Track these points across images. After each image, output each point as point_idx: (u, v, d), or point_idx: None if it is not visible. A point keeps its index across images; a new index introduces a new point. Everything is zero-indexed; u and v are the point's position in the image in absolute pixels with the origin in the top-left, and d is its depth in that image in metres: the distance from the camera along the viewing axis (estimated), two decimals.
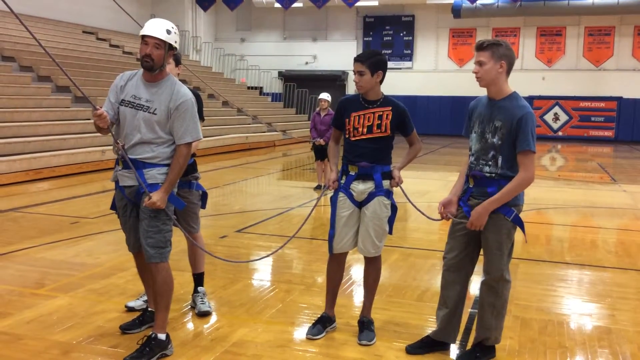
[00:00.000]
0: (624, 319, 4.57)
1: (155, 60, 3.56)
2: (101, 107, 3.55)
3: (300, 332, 4.12)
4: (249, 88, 27.84)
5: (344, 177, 4.03)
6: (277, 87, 30.03)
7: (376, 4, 27.74)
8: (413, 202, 4.40)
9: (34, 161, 11.32)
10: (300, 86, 28.70)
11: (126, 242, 3.92)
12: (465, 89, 22.03)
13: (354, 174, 3.98)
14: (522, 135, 3.45)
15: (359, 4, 25.58)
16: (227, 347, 3.85)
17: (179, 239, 4.67)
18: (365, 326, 4.05)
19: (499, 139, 3.52)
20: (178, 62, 4.32)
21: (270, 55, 29.72)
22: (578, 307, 4.87)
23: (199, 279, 4.59)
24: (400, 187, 4.07)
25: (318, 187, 10.71)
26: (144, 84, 3.67)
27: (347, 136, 4.02)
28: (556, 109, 27.11)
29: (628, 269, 6.02)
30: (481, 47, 3.53)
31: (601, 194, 11.65)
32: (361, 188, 3.96)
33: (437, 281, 4.44)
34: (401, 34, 28.76)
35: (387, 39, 28.91)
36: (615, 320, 4.54)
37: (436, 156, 18.45)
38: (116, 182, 3.77)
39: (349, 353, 3.81)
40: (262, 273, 5.67)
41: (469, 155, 3.73)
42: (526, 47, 27.20)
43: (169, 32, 3.60)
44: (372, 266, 4.10)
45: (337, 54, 28.64)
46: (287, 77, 29.66)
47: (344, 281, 4.69)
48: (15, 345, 3.80)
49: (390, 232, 4.08)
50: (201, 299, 4.49)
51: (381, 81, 3.96)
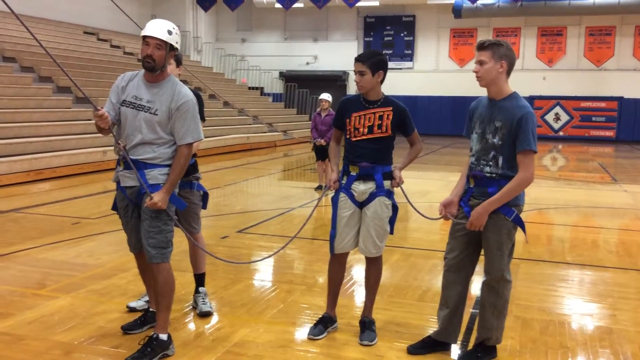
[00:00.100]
0: (625, 319, 4.57)
1: (157, 60, 3.57)
2: (102, 108, 3.56)
3: (302, 333, 4.12)
4: (250, 88, 27.86)
5: (345, 178, 4.04)
6: (278, 87, 30.05)
7: (377, 4, 27.73)
8: (414, 202, 4.40)
9: (35, 162, 11.33)
10: (301, 86, 28.72)
11: (127, 242, 3.92)
12: (466, 89, 22.00)
13: (355, 174, 3.98)
14: (522, 135, 3.45)
15: (359, 4, 25.59)
16: (229, 347, 3.85)
17: (180, 239, 4.67)
18: (367, 326, 4.06)
19: (500, 139, 3.52)
20: (179, 63, 4.33)
21: (271, 56, 29.74)
22: (579, 307, 4.87)
23: (200, 280, 4.59)
24: (401, 188, 4.07)
25: (319, 188, 10.72)
26: (145, 84, 3.67)
27: (347, 136, 4.03)
28: (557, 109, 27.11)
29: (629, 269, 6.02)
30: (482, 46, 3.54)
31: (602, 194, 11.64)
32: (362, 188, 3.96)
33: (438, 281, 4.44)
34: (402, 34, 28.76)
35: (387, 39, 28.90)
36: (616, 320, 4.54)
37: (437, 156, 18.45)
38: (117, 183, 3.77)
39: (350, 353, 3.82)
40: (264, 273, 5.67)
41: (469, 156, 3.73)
42: (527, 47, 27.19)
43: (170, 32, 3.60)
44: (373, 266, 4.11)
45: (338, 54, 28.65)
46: (288, 78, 29.68)
47: (345, 281, 4.69)
48: (16, 346, 3.80)
49: (392, 232, 4.08)
50: (202, 299, 4.49)
51: (382, 81, 3.96)
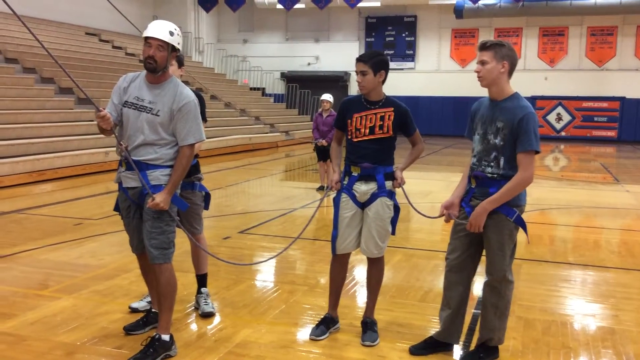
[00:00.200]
0: (627, 319, 4.57)
1: (159, 61, 3.58)
2: (104, 109, 3.56)
3: (304, 333, 4.12)
4: (251, 89, 27.88)
5: (346, 178, 4.04)
6: (279, 88, 30.06)
7: (378, 4, 27.72)
8: (416, 202, 4.40)
9: (37, 163, 11.35)
10: (302, 87, 28.72)
11: (129, 243, 3.93)
12: (468, 89, 21.99)
13: (356, 174, 3.98)
14: (523, 135, 3.45)
15: (361, 4, 25.60)
16: (231, 347, 3.85)
17: (182, 240, 4.67)
18: (369, 327, 4.06)
19: (501, 139, 3.52)
20: (181, 64, 4.34)
21: (273, 56, 29.75)
22: (581, 307, 4.87)
23: (202, 280, 4.59)
24: (402, 188, 4.07)
25: (321, 188, 10.72)
26: (147, 85, 3.68)
27: (349, 137, 4.03)
28: (559, 109, 27.08)
29: (631, 269, 6.01)
30: (484, 46, 3.55)
31: (604, 194, 11.63)
32: (364, 189, 3.96)
33: (440, 282, 4.44)
34: (403, 35, 28.75)
35: (389, 39, 28.89)
36: (618, 321, 4.53)
37: (439, 157, 18.44)
38: (119, 184, 3.78)
39: (352, 354, 3.82)
40: (265, 274, 5.67)
41: (471, 157, 3.73)
42: (528, 47, 27.17)
43: (172, 33, 3.61)
44: (375, 267, 4.11)
45: (340, 54, 28.66)
46: (290, 78, 29.69)
47: (347, 282, 4.70)
48: (19, 347, 3.81)
49: (393, 233, 4.08)
50: (204, 300, 4.49)
51: (383, 81, 3.96)
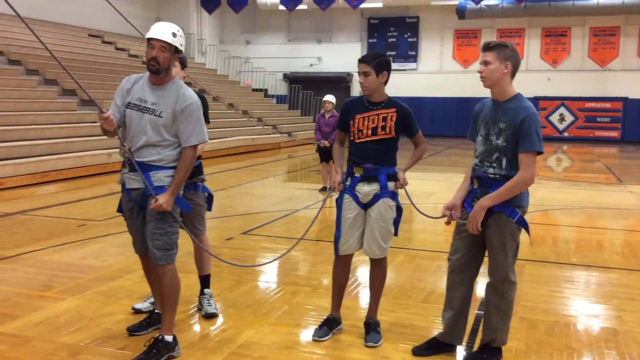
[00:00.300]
0: (630, 320, 4.56)
1: (161, 63, 3.59)
2: (107, 110, 3.58)
3: (307, 334, 4.12)
4: (254, 90, 27.89)
5: (349, 179, 4.04)
6: (282, 89, 30.08)
7: (380, 5, 27.72)
8: (419, 203, 4.41)
9: (40, 164, 11.38)
10: (305, 88, 28.73)
11: (133, 244, 3.94)
12: (470, 90, 22.04)
13: (359, 175, 3.98)
14: (525, 136, 3.45)
15: (363, 5, 25.61)
16: (234, 348, 3.86)
17: (185, 241, 4.68)
18: (372, 328, 4.06)
19: (504, 140, 3.52)
20: (184, 65, 4.34)
21: (275, 58, 29.78)
22: (584, 308, 4.86)
23: (205, 281, 4.60)
24: (404, 189, 4.07)
25: (323, 189, 10.72)
26: (150, 87, 3.69)
27: (351, 138, 4.03)
28: (562, 109, 27.05)
29: (635, 270, 6.00)
30: (487, 47, 3.55)
31: (607, 194, 11.61)
32: (366, 190, 3.97)
33: (443, 283, 4.43)
34: (406, 36, 28.75)
35: (391, 40, 28.90)
36: (622, 322, 4.52)
37: (441, 157, 18.43)
38: (123, 185, 3.79)
39: (355, 355, 3.82)
40: (268, 275, 5.68)
41: (474, 157, 3.73)
42: (531, 48, 27.16)
43: (174, 35, 3.62)
44: (378, 268, 4.11)
45: (342, 55, 28.66)
46: (292, 79, 29.71)
47: (349, 283, 4.70)
48: (23, 348, 3.82)
49: (396, 234, 4.08)
50: (207, 300, 4.50)
51: (386, 82, 3.97)
